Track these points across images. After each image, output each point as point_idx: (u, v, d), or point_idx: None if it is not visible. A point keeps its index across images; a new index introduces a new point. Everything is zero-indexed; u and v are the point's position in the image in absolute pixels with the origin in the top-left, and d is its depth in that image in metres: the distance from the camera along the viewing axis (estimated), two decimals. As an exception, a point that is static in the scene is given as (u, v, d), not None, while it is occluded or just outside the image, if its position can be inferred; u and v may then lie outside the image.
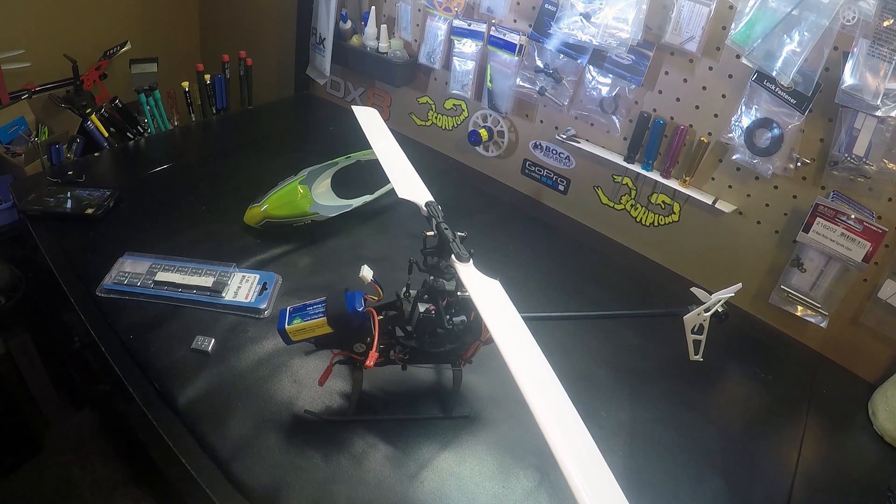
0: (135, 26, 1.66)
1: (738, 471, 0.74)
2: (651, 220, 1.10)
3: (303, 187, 0.99)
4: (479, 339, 0.66)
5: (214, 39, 1.85)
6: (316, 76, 1.45)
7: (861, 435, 0.85)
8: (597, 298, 0.99)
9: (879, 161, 0.82)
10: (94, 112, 1.30)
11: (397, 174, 0.70)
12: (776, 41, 0.83)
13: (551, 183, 1.21)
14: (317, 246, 0.98)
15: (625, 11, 0.94)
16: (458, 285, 0.60)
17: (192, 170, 1.18)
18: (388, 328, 0.63)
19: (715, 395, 0.88)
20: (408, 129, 1.39)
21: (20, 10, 1.44)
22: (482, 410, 0.74)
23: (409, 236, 1.02)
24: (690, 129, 0.99)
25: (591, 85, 1.06)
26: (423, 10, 1.22)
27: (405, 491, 0.64)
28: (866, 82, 0.78)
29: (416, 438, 0.69)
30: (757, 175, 0.95)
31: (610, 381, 0.83)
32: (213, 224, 0.99)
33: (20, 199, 1.00)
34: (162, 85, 1.35)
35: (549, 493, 0.66)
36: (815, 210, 0.88)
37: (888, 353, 0.91)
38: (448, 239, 0.60)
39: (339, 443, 0.67)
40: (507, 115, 1.21)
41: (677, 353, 0.80)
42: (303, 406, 0.71)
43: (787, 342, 0.99)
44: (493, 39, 1.13)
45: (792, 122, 0.87)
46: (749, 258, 1.00)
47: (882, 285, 0.87)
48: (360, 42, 1.33)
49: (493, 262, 0.63)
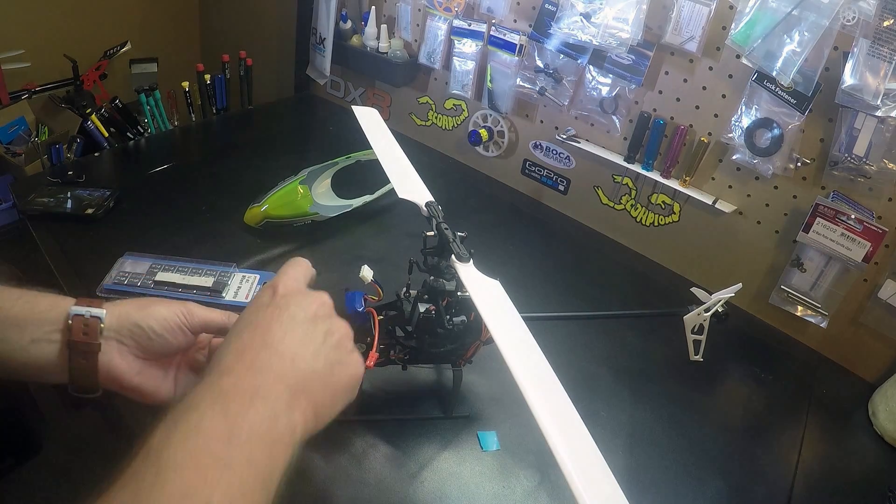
0: (135, 26, 1.66)
1: (738, 471, 0.74)
2: (651, 220, 1.10)
3: (303, 187, 0.99)
4: (480, 339, 0.66)
5: (214, 39, 1.86)
6: (316, 76, 1.45)
7: (861, 435, 0.85)
8: (597, 298, 0.99)
9: (879, 161, 0.82)
10: (94, 112, 1.30)
11: (397, 174, 0.70)
12: (776, 41, 0.83)
13: (551, 183, 1.21)
14: (317, 246, 0.98)
15: (625, 11, 0.94)
16: (459, 285, 0.60)
17: (192, 170, 1.18)
18: (389, 328, 0.63)
19: (715, 395, 0.88)
20: (408, 129, 1.39)
21: (20, 10, 1.44)
22: (482, 410, 0.74)
23: (409, 236, 1.01)
24: (690, 129, 0.99)
25: (591, 85, 1.06)
26: (423, 10, 1.22)
27: (405, 491, 0.64)
28: (866, 82, 0.78)
29: (417, 438, 0.69)
30: (757, 175, 0.95)
31: (610, 381, 0.83)
32: (213, 224, 0.99)
33: (20, 199, 1.00)
34: (162, 85, 1.35)
35: (549, 493, 0.66)
36: (815, 210, 0.88)
37: (888, 353, 0.91)
38: (448, 239, 0.60)
39: (339, 443, 0.67)
40: (507, 115, 1.21)
41: (677, 354, 0.80)
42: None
43: (787, 342, 0.99)
44: (493, 39, 1.13)
45: (792, 122, 0.87)
46: (749, 258, 1.00)
47: (882, 285, 0.87)
48: (360, 42, 1.33)
49: (492, 262, 0.62)
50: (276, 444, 0.40)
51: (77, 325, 0.50)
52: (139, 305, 0.53)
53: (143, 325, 0.52)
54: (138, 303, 0.54)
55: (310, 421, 0.44)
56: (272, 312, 0.47)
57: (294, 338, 0.46)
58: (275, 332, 0.46)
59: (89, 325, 0.50)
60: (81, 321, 0.50)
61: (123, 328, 0.52)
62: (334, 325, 0.50)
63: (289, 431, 0.41)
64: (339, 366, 0.48)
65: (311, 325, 0.47)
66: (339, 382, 0.48)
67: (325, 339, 0.48)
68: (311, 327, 0.47)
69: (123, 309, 0.52)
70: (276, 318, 0.47)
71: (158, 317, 0.53)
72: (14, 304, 0.50)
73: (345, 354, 0.49)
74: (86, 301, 0.52)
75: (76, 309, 0.50)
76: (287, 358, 0.44)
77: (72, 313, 0.50)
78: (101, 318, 0.51)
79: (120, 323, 0.52)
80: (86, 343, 0.50)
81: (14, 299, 0.50)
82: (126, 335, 0.52)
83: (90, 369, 0.51)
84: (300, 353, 0.45)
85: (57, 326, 0.50)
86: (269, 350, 0.44)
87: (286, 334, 0.46)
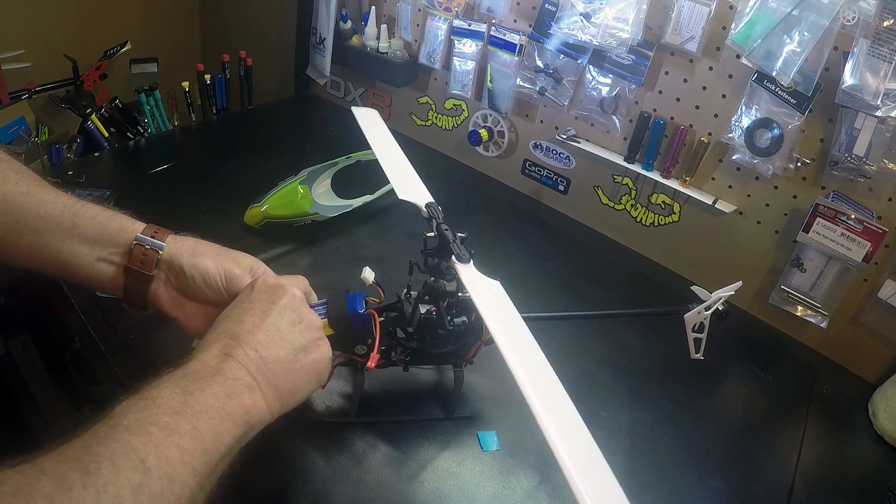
0: (135, 26, 1.66)
1: (738, 471, 0.74)
2: (651, 220, 1.10)
3: (303, 187, 0.99)
4: (481, 340, 0.66)
5: (214, 39, 1.85)
6: (316, 76, 1.45)
7: (861, 435, 0.85)
8: (597, 298, 0.99)
9: (879, 161, 0.82)
10: (94, 112, 1.30)
11: (397, 175, 0.70)
12: (776, 41, 0.83)
13: (551, 183, 1.21)
14: (317, 246, 0.98)
15: (625, 11, 0.94)
16: (459, 286, 0.60)
17: (192, 170, 1.18)
18: (390, 329, 0.63)
19: (715, 395, 0.88)
20: (408, 129, 1.39)
21: (20, 10, 1.44)
22: (482, 411, 0.74)
23: (409, 236, 1.02)
24: (690, 129, 0.99)
25: (591, 85, 1.06)
26: (423, 10, 1.22)
27: (405, 491, 0.64)
28: (866, 82, 0.78)
29: (416, 439, 0.69)
30: (757, 175, 0.95)
31: (610, 381, 0.83)
32: (213, 224, 0.99)
33: (20, 199, 0.99)
34: (162, 85, 1.35)
35: (549, 493, 0.66)
36: (815, 210, 0.88)
37: (888, 353, 0.91)
38: (449, 240, 0.60)
39: (340, 443, 0.67)
40: (507, 115, 1.21)
41: (678, 354, 0.80)
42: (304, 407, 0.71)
43: (787, 342, 0.99)
44: (493, 39, 1.13)
45: (792, 123, 0.87)
46: (749, 258, 1.00)
47: (882, 285, 0.88)
48: (360, 42, 1.32)
49: (492, 262, 0.63)
50: (226, 420, 0.44)
51: (137, 253, 0.56)
52: (193, 251, 0.58)
53: (186, 272, 0.57)
54: (194, 247, 0.58)
55: (272, 404, 0.49)
56: (246, 308, 0.53)
57: (262, 328, 0.51)
58: (246, 323, 0.51)
59: (147, 255, 0.56)
60: (142, 250, 0.56)
61: (172, 266, 0.57)
62: (301, 314, 0.54)
63: (243, 410, 0.46)
64: (303, 352, 0.52)
65: (279, 316, 0.52)
66: (303, 369, 0.52)
67: (291, 327, 0.52)
68: (279, 317, 0.52)
69: (179, 248, 0.57)
70: (249, 313, 0.52)
71: (202, 269, 0.57)
72: (89, 223, 0.55)
73: (310, 341, 0.53)
74: (152, 229, 0.57)
75: (141, 237, 0.56)
76: (252, 346, 0.49)
77: (135, 240, 0.56)
78: (160, 249, 0.56)
79: (170, 260, 0.57)
80: (139, 271, 0.56)
81: (89, 218, 0.56)
82: (172, 273, 0.57)
83: (141, 293, 0.57)
84: (265, 341, 0.50)
85: (121, 249, 0.56)
86: (237, 340, 0.49)
87: (255, 325, 0.51)
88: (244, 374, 0.47)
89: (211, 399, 0.44)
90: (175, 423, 0.41)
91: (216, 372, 0.46)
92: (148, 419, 0.40)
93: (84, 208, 0.56)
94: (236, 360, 0.47)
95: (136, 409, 0.41)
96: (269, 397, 0.48)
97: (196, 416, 0.42)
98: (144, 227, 0.57)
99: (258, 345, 0.49)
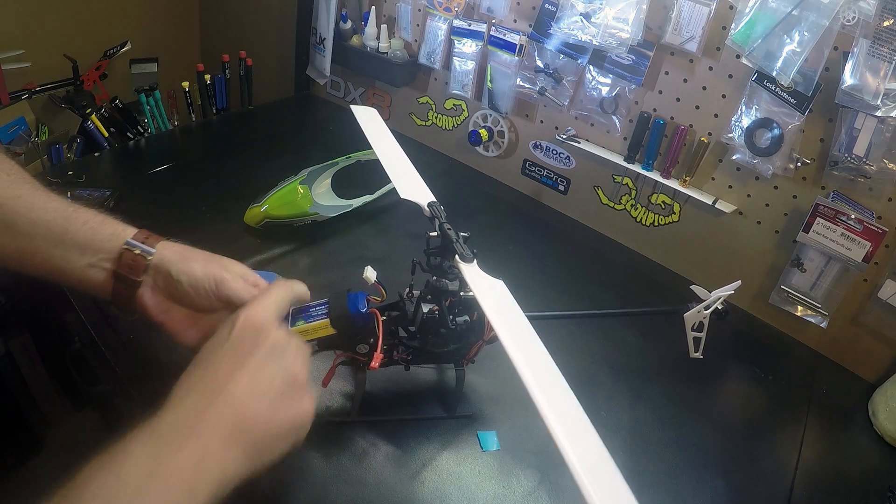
0: (135, 26, 1.66)
1: (738, 471, 0.74)
2: (651, 220, 1.10)
3: (303, 187, 0.99)
4: (482, 339, 0.66)
5: (214, 39, 1.85)
6: (316, 76, 1.45)
7: (861, 435, 0.85)
8: (597, 298, 0.99)
9: (879, 161, 0.82)
10: (94, 112, 1.30)
11: (399, 174, 0.70)
12: (776, 41, 0.83)
13: (551, 183, 1.21)
14: (317, 246, 0.98)
15: (625, 11, 0.95)
16: (462, 285, 0.60)
17: (192, 170, 1.18)
18: (392, 329, 0.63)
19: (715, 395, 0.88)
20: (408, 129, 1.39)
21: (20, 10, 1.44)
22: (482, 410, 0.74)
23: (410, 236, 1.02)
24: (690, 129, 0.99)
25: (591, 85, 1.06)
26: (423, 10, 1.22)
27: (405, 490, 0.64)
28: (866, 82, 0.78)
29: (417, 438, 0.69)
30: (757, 175, 0.95)
31: (610, 380, 0.83)
32: (214, 224, 0.99)
33: (20, 199, 0.99)
34: (162, 85, 1.35)
35: (549, 493, 0.66)
36: (815, 210, 0.88)
37: (888, 353, 0.91)
38: (452, 239, 0.60)
39: (340, 442, 0.67)
40: (507, 115, 1.21)
41: (677, 354, 0.80)
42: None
43: (787, 342, 0.99)
44: (493, 39, 1.13)
45: (792, 122, 0.87)
46: (749, 258, 1.01)
47: (882, 285, 0.88)
48: (360, 42, 1.33)
49: (492, 262, 0.62)
50: (200, 482, 0.42)
51: (126, 258, 0.55)
52: (182, 256, 0.58)
53: (174, 276, 0.57)
54: (183, 253, 0.58)
55: (248, 461, 0.45)
56: (225, 352, 0.48)
57: (240, 380, 0.46)
58: (223, 372, 0.47)
59: (135, 261, 0.56)
60: (130, 255, 0.56)
61: (160, 271, 0.57)
62: (285, 364, 0.50)
63: (219, 470, 0.43)
64: (283, 409, 0.48)
65: (261, 367, 0.48)
66: (283, 425, 0.48)
67: (271, 381, 0.48)
68: (260, 368, 0.48)
69: (168, 253, 0.57)
70: (228, 357, 0.48)
71: (190, 274, 0.57)
72: (80, 229, 0.55)
73: (290, 397, 0.49)
74: (144, 234, 0.57)
75: (131, 241, 0.56)
76: (230, 399, 0.45)
77: (124, 245, 0.56)
78: (149, 255, 0.56)
79: (159, 265, 0.57)
80: (127, 277, 0.56)
81: (81, 223, 0.55)
82: (160, 278, 0.57)
83: (129, 297, 0.57)
84: (244, 395, 0.46)
85: (111, 255, 0.56)
86: (214, 392, 0.46)
87: (233, 375, 0.47)
88: (221, 431, 0.44)
89: (184, 462, 0.42)
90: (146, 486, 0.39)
91: (190, 431, 0.43)
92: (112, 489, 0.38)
93: (76, 213, 0.56)
94: (214, 415, 0.44)
95: (97, 484, 0.39)
96: (246, 453, 0.45)
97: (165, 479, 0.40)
98: (136, 232, 0.57)
99: (236, 400, 0.46)
